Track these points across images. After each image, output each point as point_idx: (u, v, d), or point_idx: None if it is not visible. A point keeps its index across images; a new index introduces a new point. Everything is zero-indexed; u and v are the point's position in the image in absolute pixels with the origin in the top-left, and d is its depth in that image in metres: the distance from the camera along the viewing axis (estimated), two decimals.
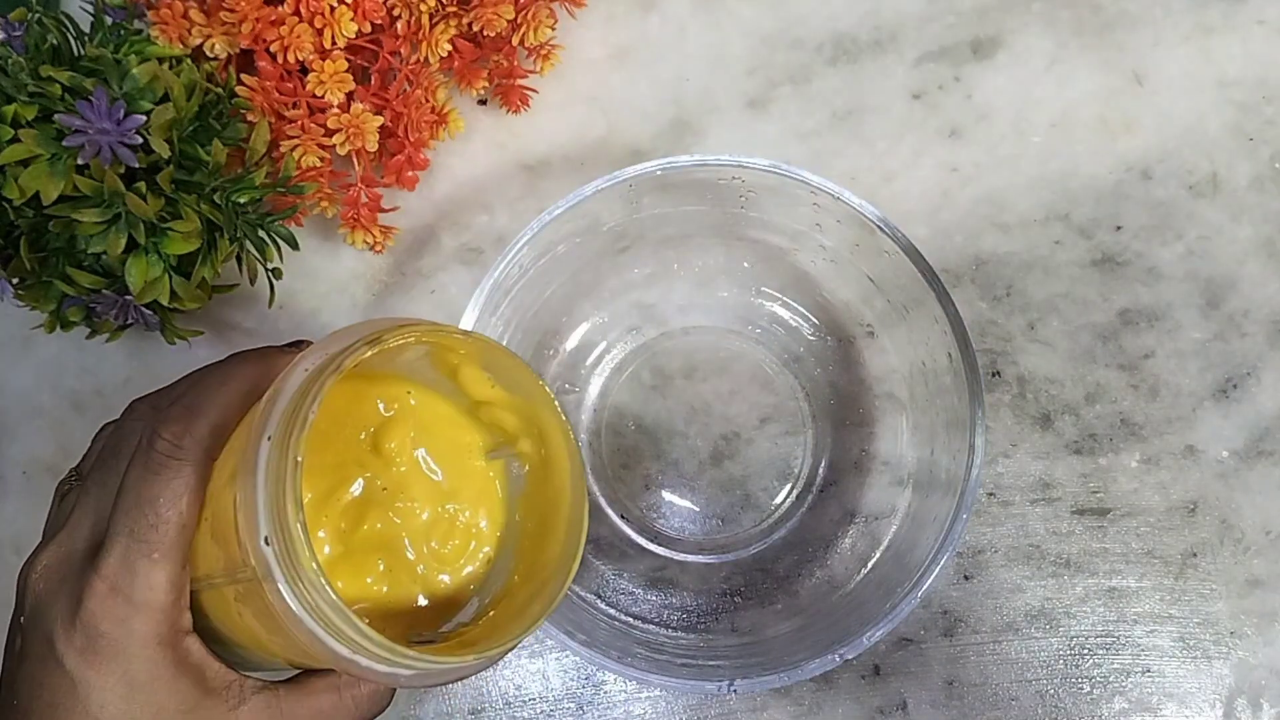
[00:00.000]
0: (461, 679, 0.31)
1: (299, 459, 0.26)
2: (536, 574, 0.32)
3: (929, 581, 0.41)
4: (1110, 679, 0.48)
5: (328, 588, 0.26)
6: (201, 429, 0.30)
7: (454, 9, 0.48)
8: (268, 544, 0.26)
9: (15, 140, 0.43)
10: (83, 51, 0.47)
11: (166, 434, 0.30)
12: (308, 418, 0.27)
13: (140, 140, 0.43)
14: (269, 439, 0.27)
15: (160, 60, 0.46)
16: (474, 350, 0.32)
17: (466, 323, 0.42)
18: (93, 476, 0.32)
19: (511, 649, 0.30)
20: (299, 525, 0.26)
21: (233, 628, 0.31)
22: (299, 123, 0.47)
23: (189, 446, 0.30)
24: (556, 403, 0.32)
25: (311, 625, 0.27)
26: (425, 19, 0.48)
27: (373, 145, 0.47)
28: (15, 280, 0.46)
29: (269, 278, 0.48)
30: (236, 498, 0.27)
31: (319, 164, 0.48)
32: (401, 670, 0.28)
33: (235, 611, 0.30)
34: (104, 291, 0.46)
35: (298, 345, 0.33)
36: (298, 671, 0.33)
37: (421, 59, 0.49)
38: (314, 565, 0.26)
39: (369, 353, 0.28)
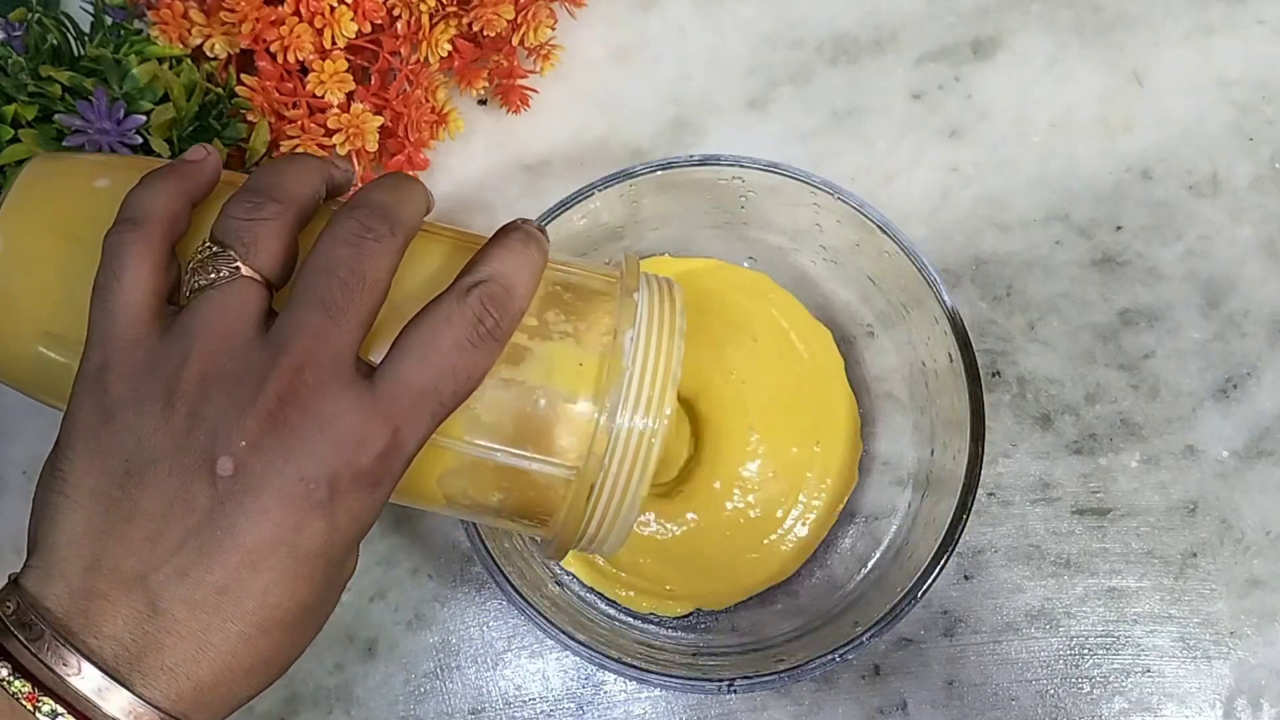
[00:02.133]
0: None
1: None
2: None
3: (929, 582, 0.41)
4: (1110, 679, 0.48)
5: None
6: (517, 311, 0.32)
7: (454, 9, 0.48)
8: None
9: (15, 140, 0.43)
10: (83, 51, 0.47)
11: (495, 313, 0.31)
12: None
13: (140, 140, 0.43)
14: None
15: (160, 60, 0.46)
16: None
17: None
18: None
19: None
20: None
21: None
22: (299, 123, 0.47)
23: (509, 329, 0.31)
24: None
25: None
26: (425, 19, 0.48)
27: (373, 145, 0.47)
28: None
29: None
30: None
31: None
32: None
33: None
34: None
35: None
36: None
37: (421, 59, 0.49)
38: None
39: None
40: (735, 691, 0.41)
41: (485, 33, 0.48)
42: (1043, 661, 0.48)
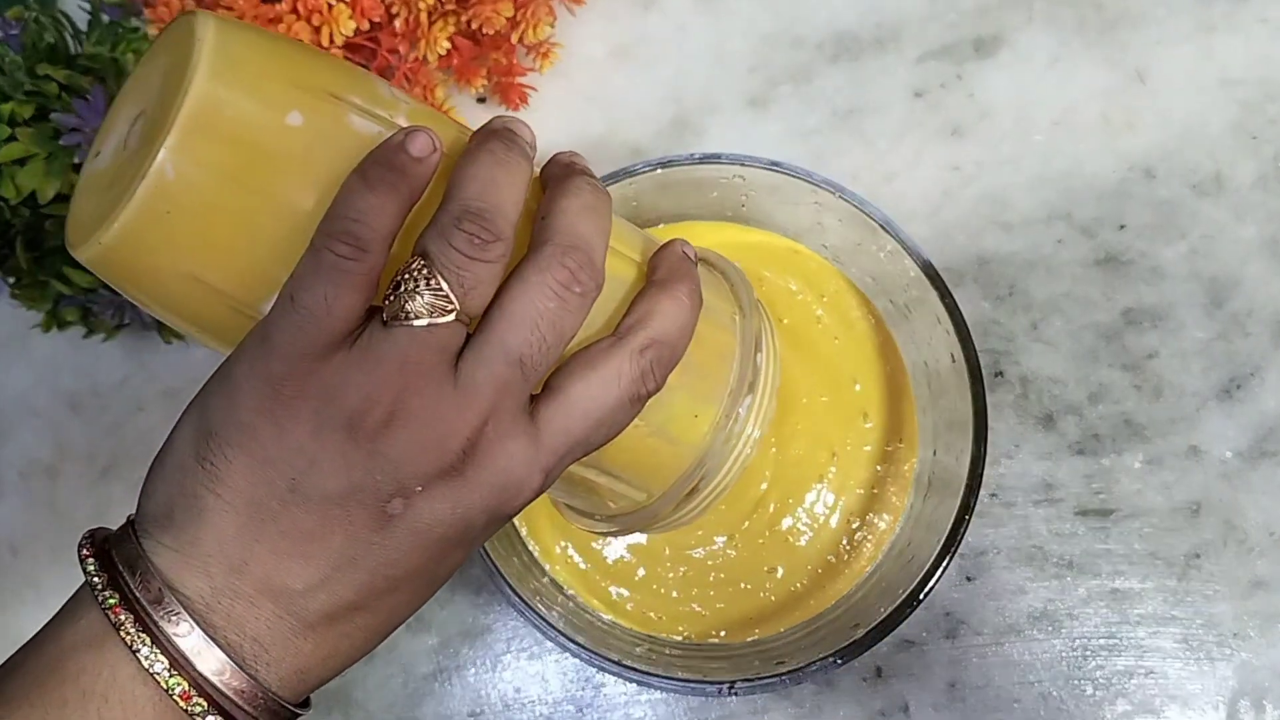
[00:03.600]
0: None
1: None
2: None
3: (932, 584, 0.41)
4: (1113, 681, 0.48)
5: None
6: (671, 367, 0.32)
7: (453, 7, 0.48)
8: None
9: (12, 139, 0.43)
10: (80, 50, 0.46)
11: (659, 374, 0.31)
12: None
13: None
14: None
15: None
16: None
17: None
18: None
19: None
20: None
21: None
22: None
23: (661, 386, 0.32)
24: None
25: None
26: (424, 16, 0.47)
27: None
28: (11, 280, 0.46)
29: None
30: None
31: None
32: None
33: None
34: (100, 291, 0.46)
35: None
36: None
37: (420, 57, 0.48)
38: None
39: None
40: (736, 694, 0.41)
41: (484, 30, 0.48)
42: (1045, 663, 0.48)
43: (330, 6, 0.45)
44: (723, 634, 0.46)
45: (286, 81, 0.29)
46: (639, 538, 0.47)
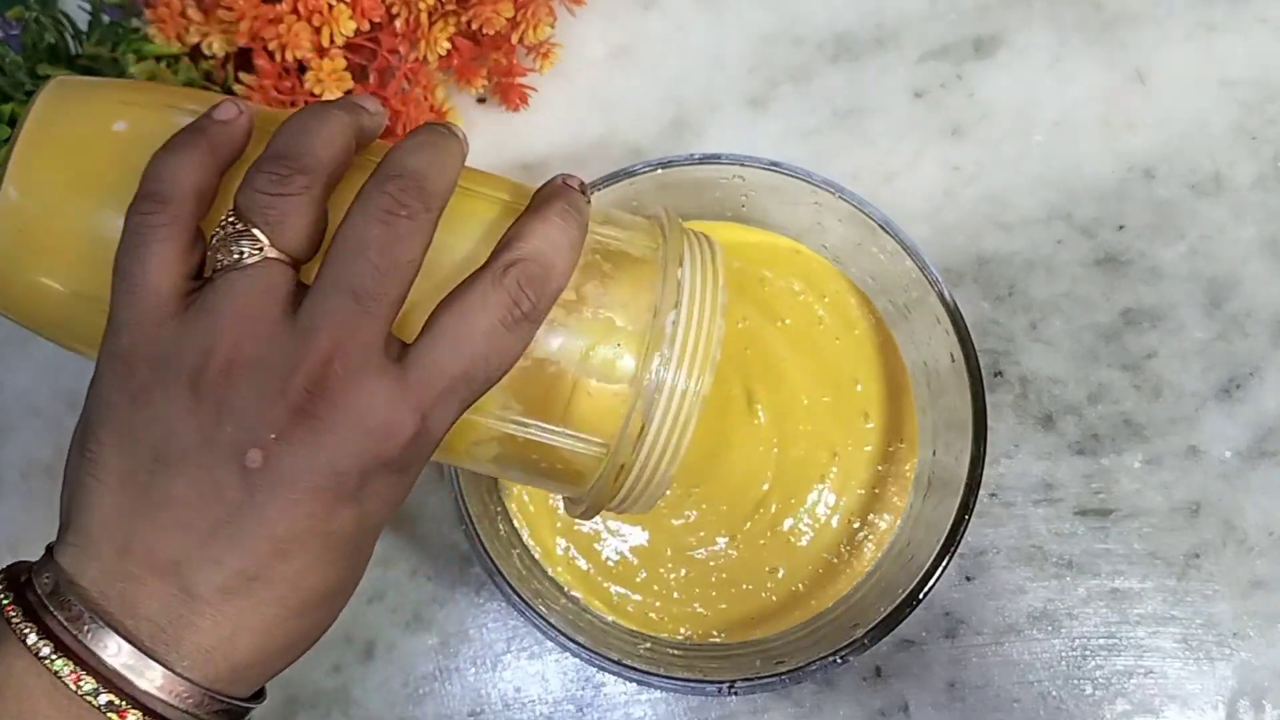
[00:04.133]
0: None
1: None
2: None
3: (931, 583, 0.41)
4: (1112, 680, 0.48)
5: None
6: (555, 290, 0.31)
7: (453, 7, 0.48)
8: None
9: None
10: (80, 50, 0.46)
11: (532, 295, 0.30)
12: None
13: None
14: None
15: (158, 59, 0.46)
16: None
17: None
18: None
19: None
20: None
21: None
22: None
23: (545, 310, 0.30)
24: None
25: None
26: (424, 17, 0.47)
27: None
28: None
29: None
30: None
31: None
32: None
33: None
34: None
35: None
36: None
37: (420, 57, 0.48)
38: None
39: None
40: (736, 693, 0.41)
41: (484, 31, 0.48)
42: (1045, 663, 0.48)
43: (330, 7, 0.45)
44: (723, 634, 0.46)
45: (114, 100, 0.32)
46: (641, 539, 0.47)
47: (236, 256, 0.28)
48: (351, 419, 0.28)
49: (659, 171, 0.44)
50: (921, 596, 0.41)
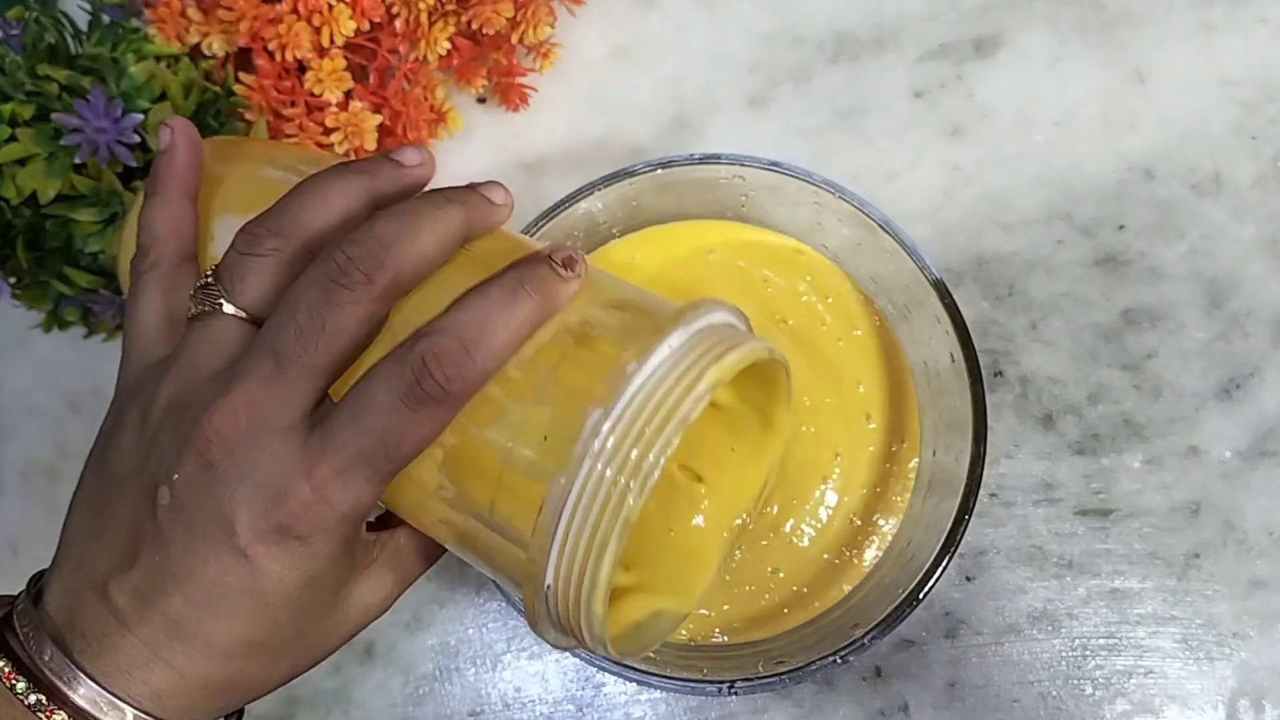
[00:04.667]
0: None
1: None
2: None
3: (931, 583, 0.41)
4: (1112, 680, 0.48)
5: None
6: (475, 373, 0.28)
7: (453, 7, 0.48)
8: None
9: (12, 139, 0.43)
10: (80, 50, 0.46)
11: (438, 375, 0.27)
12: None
13: (138, 139, 0.43)
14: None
15: (158, 59, 0.46)
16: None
17: None
18: (297, 339, 0.28)
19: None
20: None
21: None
22: (297, 121, 0.47)
23: (460, 392, 0.28)
24: None
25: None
26: (424, 17, 0.47)
27: (371, 144, 0.47)
28: (12, 280, 0.46)
29: None
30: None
31: None
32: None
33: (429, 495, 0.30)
34: (101, 291, 0.46)
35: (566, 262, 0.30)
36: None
37: (420, 57, 0.48)
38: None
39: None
40: (736, 694, 0.41)
41: (484, 31, 0.48)
42: (1045, 663, 0.48)
43: (330, 7, 0.45)
44: (725, 635, 0.46)
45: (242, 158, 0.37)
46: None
47: (201, 308, 0.30)
48: (242, 473, 0.28)
49: (659, 171, 0.44)
50: (921, 596, 0.41)
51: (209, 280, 0.30)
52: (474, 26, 0.48)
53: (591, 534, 0.27)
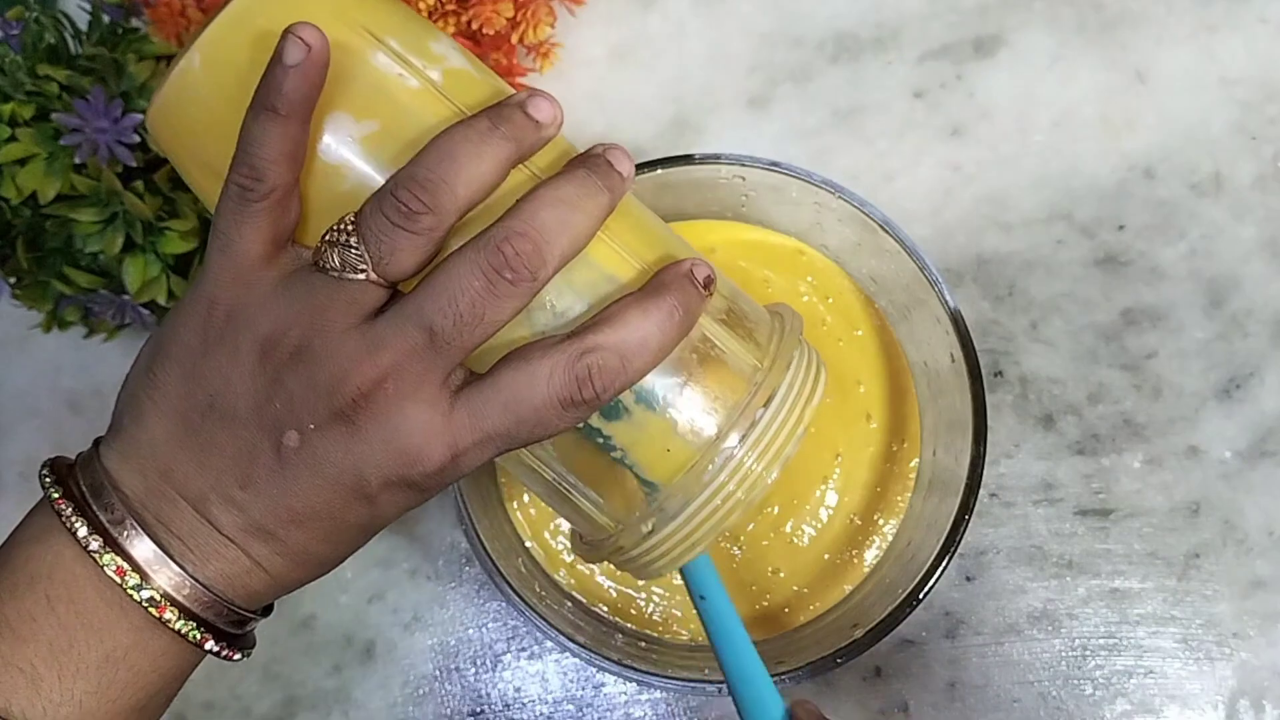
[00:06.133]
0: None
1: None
2: None
3: (931, 583, 0.41)
4: (1112, 680, 0.48)
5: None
6: (625, 384, 0.30)
7: (453, 7, 0.48)
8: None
9: (13, 139, 0.43)
10: (80, 50, 0.46)
11: (598, 385, 0.30)
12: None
13: (138, 139, 0.43)
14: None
15: (158, 58, 0.46)
16: None
17: None
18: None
19: None
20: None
21: None
22: None
23: (608, 398, 0.30)
24: None
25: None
26: (424, 17, 0.47)
27: None
28: (12, 280, 0.46)
29: None
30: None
31: None
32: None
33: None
34: (101, 291, 0.46)
35: None
36: None
37: None
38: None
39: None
40: None
41: (484, 30, 0.48)
42: (1045, 663, 0.48)
43: None
44: None
45: (325, 9, 0.30)
46: None
47: (339, 266, 0.29)
48: (386, 436, 0.29)
49: (659, 171, 0.44)
50: (921, 596, 0.41)
51: (349, 238, 0.29)
52: (474, 26, 0.48)
53: (678, 542, 0.33)
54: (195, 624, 0.30)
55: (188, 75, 0.30)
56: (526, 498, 0.47)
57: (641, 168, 0.44)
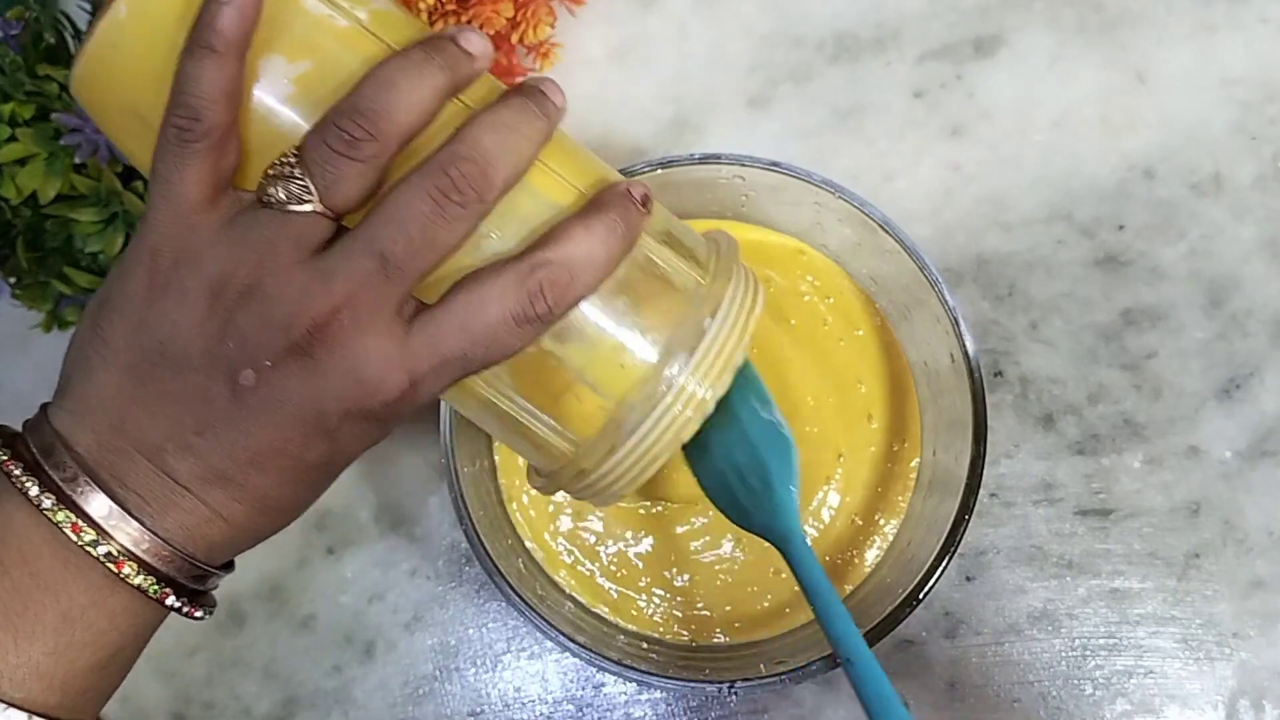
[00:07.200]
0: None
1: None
2: None
3: (931, 583, 0.41)
4: (1112, 680, 0.48)
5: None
6: (576, 299, 0.31)
7: (453, 6, 0.48)
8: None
9: (12, 139, 0.43)
10: None
11: (550, 300, 0.30)
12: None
13: None
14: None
15: None
16: None
17: None
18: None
19: None
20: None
21: None
22: None
23: (560, 316, 0.31)
24: None
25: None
26: (424, 17, 0.47)
27: None
28: (12, 280, 0.46)
29: None
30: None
31: None
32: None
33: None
34: None
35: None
36: None
37: None
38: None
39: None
40: (736, 693, 0.41)
41: (484, 30, 0.48)
42: (1045, 663, 0.48)
43: None
44: (726, 635, 0.46)
45: None
46: (646, 545, 0.47)
47: (284, 199, 0.29)
48: (344, 367, 0.29)
49: (659, 171, 0.44)
50: (921, 596, 0.41)
51: (293, 169, 0.29)
52: (474, 26, 0.48)
53: (642, 452, 0.33)
54: (155, 579, 0.30)
55: (114, 26, 0.30)
56: (526, 498, 0.47)
57: (642, 168, 0.44)
